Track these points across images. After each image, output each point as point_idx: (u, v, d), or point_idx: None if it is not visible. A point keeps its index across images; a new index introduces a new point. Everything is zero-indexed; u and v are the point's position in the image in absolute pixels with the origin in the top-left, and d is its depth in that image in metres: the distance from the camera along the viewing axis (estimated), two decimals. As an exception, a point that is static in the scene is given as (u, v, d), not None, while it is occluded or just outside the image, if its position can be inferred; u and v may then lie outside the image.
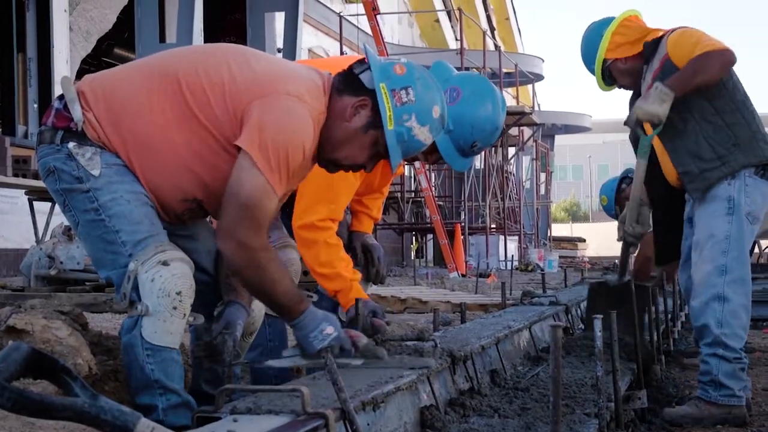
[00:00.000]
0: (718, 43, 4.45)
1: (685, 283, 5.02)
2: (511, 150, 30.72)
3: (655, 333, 5.43)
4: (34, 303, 4.70)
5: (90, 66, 20.77)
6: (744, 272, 4.56)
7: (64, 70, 15.67)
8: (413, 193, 26.63)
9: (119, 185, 3.14)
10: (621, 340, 4.79)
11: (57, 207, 10.90)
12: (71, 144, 3.16)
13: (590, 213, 74.02)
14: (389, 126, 3.22)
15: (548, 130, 37.76)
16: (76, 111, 3.17)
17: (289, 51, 18.03)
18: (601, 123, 58.98)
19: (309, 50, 23.73)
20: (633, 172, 7.17)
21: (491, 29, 42.45)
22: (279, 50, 18.61)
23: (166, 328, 3.08)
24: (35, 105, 15.40)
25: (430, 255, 29.65)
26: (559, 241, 39.62)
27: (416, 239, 29.87)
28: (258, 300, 3.40)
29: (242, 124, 3.11)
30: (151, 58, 3.41)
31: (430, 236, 28.00)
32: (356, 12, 24.63)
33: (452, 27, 37.98)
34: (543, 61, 36.89)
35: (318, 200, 3.97)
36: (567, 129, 41.23)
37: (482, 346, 4.14)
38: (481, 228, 26.34)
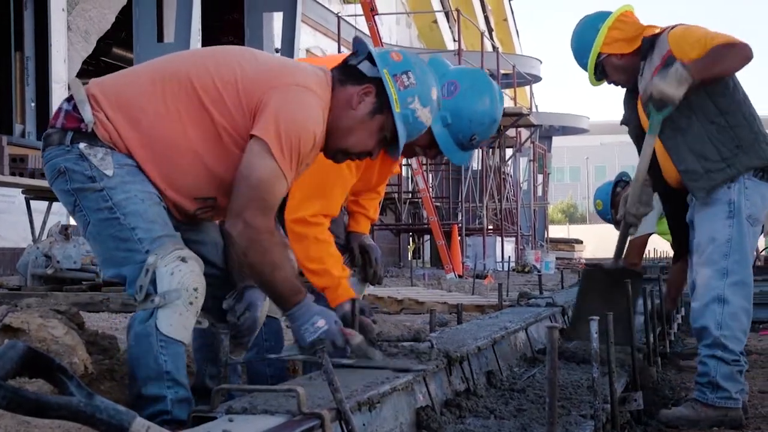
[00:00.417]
0: (735, 38, 4.44)
1: (691, 287, 5.00)
2: (509, 151, 30.71)
3: (652, 335, 5.43)
4: (31, 302, 4.71)
5: (88, 66, 20.76)
6: (745, 275, 4.55)
7: (62, 70, 15.66)
8: (410, 194, 26.63)
9: (132, 185, 3.19)
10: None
11: (54, 206, 10.95)
12: (82, 145, 3.19)
13: (587, 215, 74.08)
14: (396, 109, 3.38)
15: (546, 132, 37.79)
16: (87, 112, 3.20)
17: (287, 51, 18.01)
18: (599, 125, 59.11)
19: (307, 50, 23.72)
20: (627, 176, 7.16)
21: (489, 30, 42.45)
22: (277, 50, 18.59)
23: (182, 322, 3.12)
24: (33, 104, 15.38)
25: (427, 256, 29.65)
26: (556, 243, 39.65)
27: (413, 240, 29.87)
28: (257, 284, 3.41)
29: (255, 116, 3.21)
30: (158, 62, 3.44)
31: (428, 237, 28.03)
32: (354, 12, 24.64)
33: (450, 28, 37.96)
34: (541, 63, 36.92)
35: (311, 195, 3.96)
36: (564, 130, 41.28)
37: (478, 347, 4.14)
38: (479, 229, 26.34)
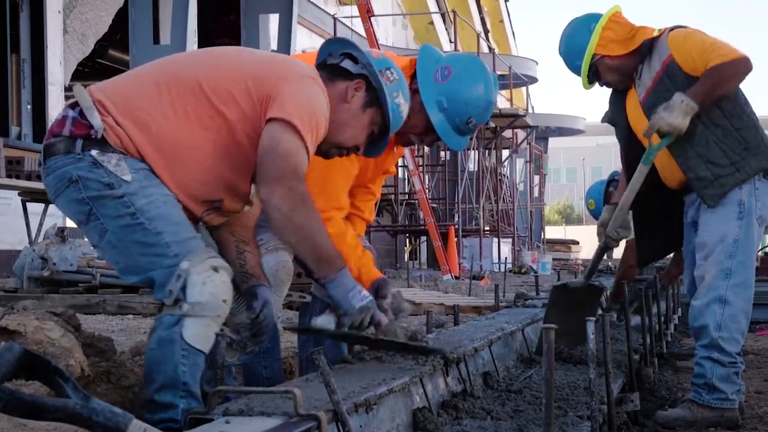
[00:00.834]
0: (734, 51, 4.42)
1: (689, 287, 5.00)
2: (505, 152, 30.74)
3: (648, 336, 5.43)
4: (27, 304, 4.71)
5: (84, 67, 20.77)
6: (747, 277, 4.55)
7: (58, 72, 15.66)
8: (407, 195, 26.65)
9: (151, 188, 3.15)
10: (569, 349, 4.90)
11: (50, 208, 10.93)
12: (94, 151, 3.13)
13: (584, 215, 74.07)
14: (389, 101, 3.52)
15: (542, 133, 37.81)
16: (96, 118, 3.15)
17: (283, 53, 18.02)
18: (595, 126, 59.04)
19: (303, 52, 23.72)
20: (620, 175, 7.16)
21: (485, 32, 42.46)
22: (273, 52, 18.62)
23: (206, 333, 3.09)
24: (29, 106, 15.38)
25: (424, 257, 29.66)
26: (553, 244, 39.63)
27: (410, 241, 29.87)
28: (300, 251, 3.36)
29: (265, 108, 3.24)
30: (158, 65, 3.42)
31: (424, 238, 28.02)
32: (350, 14, 24.63)
33: (446, 29, 37.98)
34: (537, 64, 36.95)
35: (313, 193, 3.96)
36: (561, 131, 41.31)
37: (475, 348, 4.14)
38: (475, 230, 26.36)
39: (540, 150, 36.57)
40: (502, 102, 31.90)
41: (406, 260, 28.11)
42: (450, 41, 32.18)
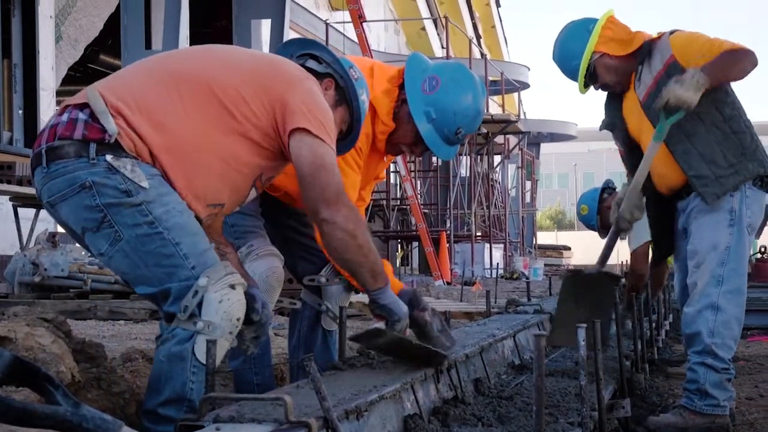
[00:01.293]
0: (739, 43, 4.46)
1: (680, 295, 5.00)
2: (497, 158, 30.76)
3: (640, 342, 5.44)
4: (18, 310, 4.69)
5: (76, 72, 20.75)
6: (740, 283, 4.55)
7: (50, 77, 15.64)
8: (399, 201, 26.65)
9: (167, 196, 3.08)
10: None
11: (41, 213, 10.91)
12: (109, 157, 3.03)
13: (575, 221, 74.10)
14: (355, 100, 3.58)
15: (534, 138, 37.84)
16: (110, 122, 3.05)
17: (274, 57, 18.02)
18: (587, 131, 59.10)
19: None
20: (613, 183, 7.14)
21: (477, 37, 42.52)
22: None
23: (218, 352, 3.03)
24: (20, 111, 15.36)
25: (416, 263, 29.67)
26: (545, 249, 39.74)
27: (402, 247, 29.88)
28: (358, 268, 3.41)
29: (279, 113, 3.24)
30: (164, 64, 3.35)
31: (416, 244, 28.02)
32: (342, 19, 24.65)
33: (438, 35, 38.03)
34: (529, 70, 36.96)
35: None
36: (552, 137, 41.32)
37: (466, 355, 4.13)
38: (467, 236, 26.36)
39: (532, 155, 36.60)
40: (494, 108, 31.93)
41: (398, 266, 28.13)
42: (442, 47, 32.22)
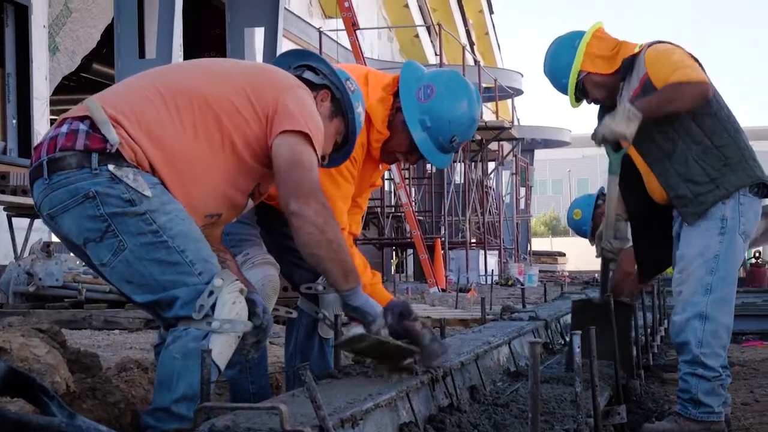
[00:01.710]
0: (695, 73, 4.41)
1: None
2: (491, 165, 30.79)
3: (635, 348, 5.44)
4: (12, 320, 4.68)
5: (69, 81, 20.73)
6: (728, 292, 4.54)
7: (43, 87, 15.62)
8: (393, 208, 26.66)
9: (169, 205, 3.11)
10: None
11: (36, 223, 10.90)
12: (111, 166, 3.05)
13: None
14: (351, 112, 3.61)
15: (528, 145, 37.85)
16: (111, 132, 3.07)
17: (269, 66, 18.00)
18: (581, 137, 59.13)
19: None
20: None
21: (470, 44, 42.58)
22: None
23: (227, 352, 3.10)
24: (14, 121, 15.33)
25: (411, 270, 29.64)
26: (539, 256, 39.74)
27: (396, 254, 29.88)
28: (328, 265, 3.39)
29: (270, 121, 3.28)
30: (157, 76, 3.38)
31: (411, 251, 28.01)
32: (336, 27, 24.66)
33: (432, 42, 38.05)
34: (522, 76, 37.00)
35: None
36: (546, 143, 41.32)
37: (462, 362, 4.13)
38: (461, 243, 26.37)
39: (526, 162, 36.63)
40: (488, 114, 31.98)
41: (393, 273, 28.11)
42: (435, 54, 32.24)
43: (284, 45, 18.92)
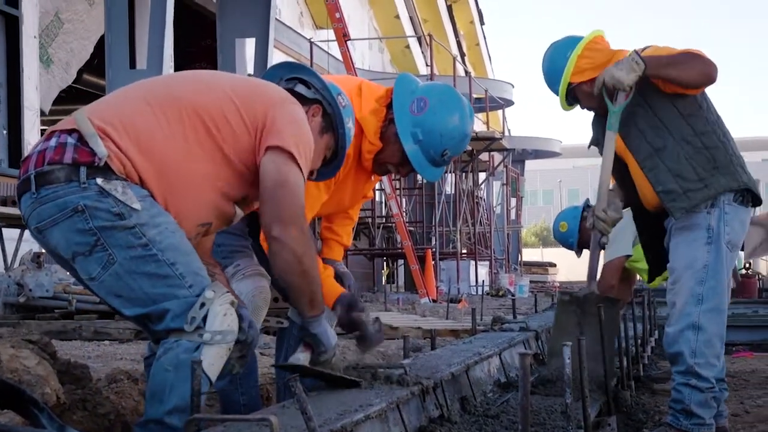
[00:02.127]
0: (706, 55, 4.45)
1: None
2: (482, 175, 30.82)
3: (625, 359, 5.44)
4: (2, 332, 4.69)
5: (61, 92, 20.70)
6: (720, 302, 4.54)
7: (34, 97, 15.61)
8: (384, 219, 26.65)
9: (159, 217, 3.10)
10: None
11: (26, 234, 10.88)
12: (99, 180, 3.04)
13: (561, 238, 74.05)
14: (341, 127, 3.61)
15: (518, 156, 37.89)
16: (100, 145, 3.06)
17: (261, 77, 18.00)
18: (572, 148, 59.31)
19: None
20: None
21: (461, 55, 42.66)
22: (249, 76, 18.60)
23: (218, 364, 3.10)
24: (4, 131, 15.30)
25: (402, 280, 29.63)
26: (530, 266, 39.77)
27: (387, 265, 29.86)
28: (298, 293, 3.40)
29: (260, 134, 3.27)
30: (150, 87, 3.37)
31: (401, 261, 27.99)
32: (327, 38, 24.69)
33: (422, 53, 38.10)
34: (513, 87, 37.07)
35: None
36: (537, 154, 41.37)
37: (452, 373, 4.13)
38: (452, 253, 26.39)
39: (517, 172, 36.68)
40: (479, 125, 31.99)
41: (384, 283, 28.10)
42: (426, 65, 32.25)
43: (275, 56, 18.94)
